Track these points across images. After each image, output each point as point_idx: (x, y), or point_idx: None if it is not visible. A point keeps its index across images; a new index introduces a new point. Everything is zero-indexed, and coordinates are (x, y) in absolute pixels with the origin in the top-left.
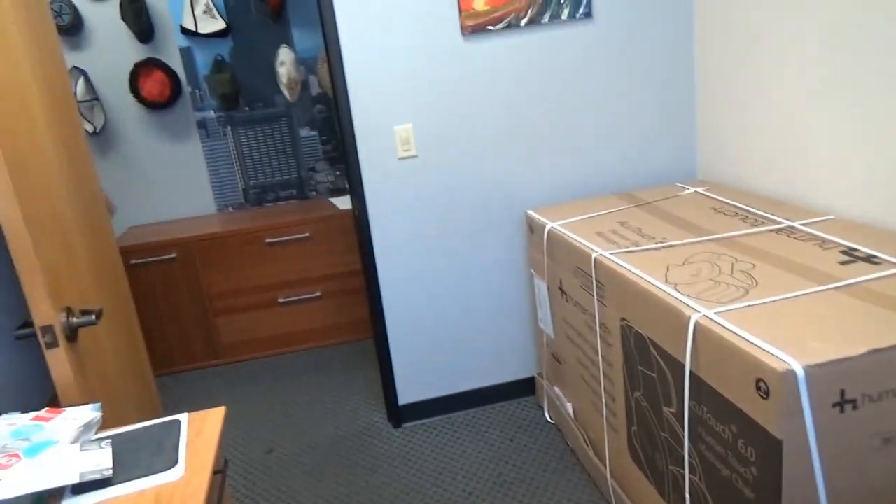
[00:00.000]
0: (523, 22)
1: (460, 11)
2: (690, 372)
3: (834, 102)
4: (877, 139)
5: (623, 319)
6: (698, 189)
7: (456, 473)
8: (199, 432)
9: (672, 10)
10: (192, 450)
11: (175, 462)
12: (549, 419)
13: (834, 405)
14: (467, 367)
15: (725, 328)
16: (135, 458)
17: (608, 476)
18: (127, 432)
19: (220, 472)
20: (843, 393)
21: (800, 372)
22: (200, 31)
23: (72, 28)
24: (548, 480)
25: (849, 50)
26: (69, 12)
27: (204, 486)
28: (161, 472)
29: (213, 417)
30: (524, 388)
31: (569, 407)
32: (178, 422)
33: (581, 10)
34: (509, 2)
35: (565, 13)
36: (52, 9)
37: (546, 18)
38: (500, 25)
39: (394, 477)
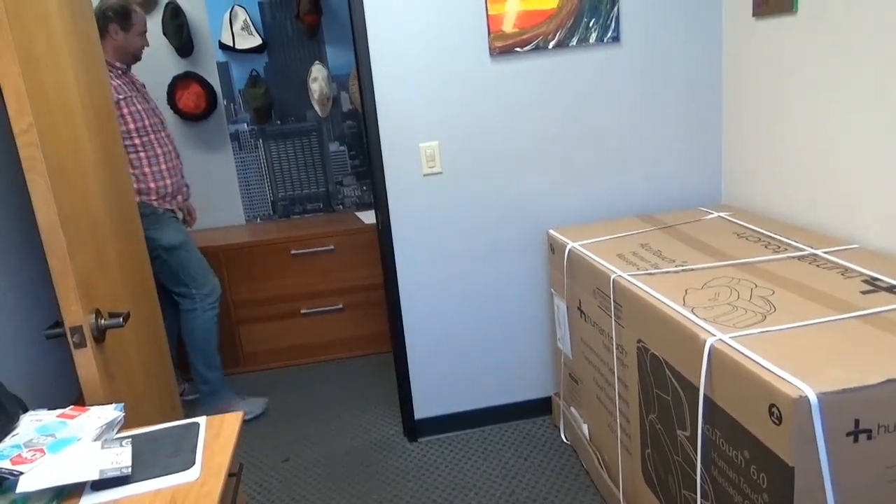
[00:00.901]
0: (551, 44)
1: (489, 33)
2: (705, 396)
3: (862, 130)
4: None
5: (640, 341)
6: (722, 214)
7: (468, 490)
8: (217, 435)
9: (701, 36)
10: (208, 452)
11: (192, 463)
12: (564, 440)
13: (848, 434)
14: (485, 385)
15: (741, 353)
16: (153, 458)
17: (621, 499)
18: (147, 433)
19: (234, 475)
20: (857, 422)
21: (813, 399)
22: (238, 46)
23: None
24: (560, 501)
25: (877, 76)
26: None
27: (218, 487)
28: (178, 472)
29: (231, 421)
30: (541, 407)
31: (584, 428)
32: (196, 424)
33: (609, 35)
34: (538, 24)
35: (593, 37)
36: None
37: (574, 42)
38: (528, 47)
39: (406, 490)
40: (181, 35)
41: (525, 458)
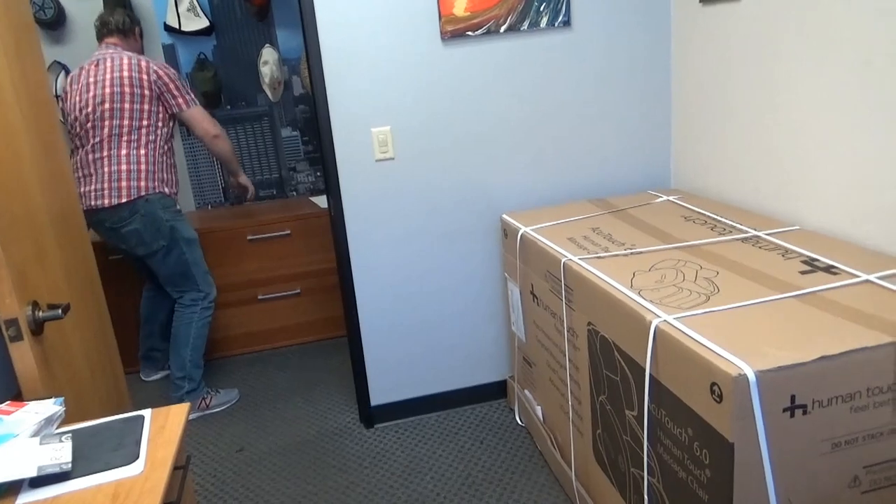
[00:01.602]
0: (503, 28)
1: (440, 17)
2: (651, 376)
3: (801, 116)
4: (842, 153)
5: (590, 324)
6: (670, 197)
7: (425, 474)
8: (162, 428)
9: (650, 21)
10: (153, 445)
11: (136, 457)
12: (519, 422)
13: (784, 410)
14: (441, 370)
15: (684, 333)
16: (95, 453)
17: (573, 478)
18: (89, 427)
19: (181, 468)
20: (793, 398)
21: (752, 376)
22: (184, 28)
23: (54, 23)
24: (515, 482)
25: (816, 62)
26: (52, 6)
27: (163, 481)
28: (121, 466)
29: (177, 413)
30: (496, 391)
31: (538, 410)
32: (141, 417)
33: (560, 19)
34: (489, 8)
35: (544, 21)
36: (34, 3)
37: (525, 26)
38: (479, 31)
39: (363, 477)
40: None
41: (481, 441)
